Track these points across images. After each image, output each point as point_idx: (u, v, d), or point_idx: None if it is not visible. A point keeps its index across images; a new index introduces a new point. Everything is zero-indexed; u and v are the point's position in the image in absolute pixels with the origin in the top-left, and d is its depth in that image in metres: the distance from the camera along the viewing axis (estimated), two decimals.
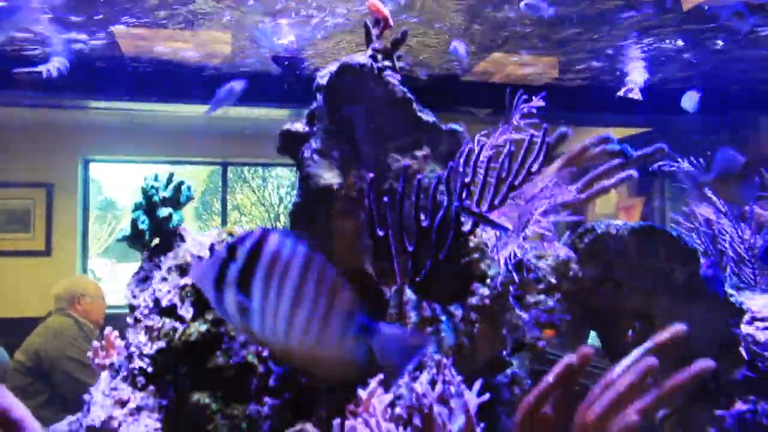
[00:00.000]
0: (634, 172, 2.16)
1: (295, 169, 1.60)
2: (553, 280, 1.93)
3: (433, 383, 1.30)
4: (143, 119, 5.93)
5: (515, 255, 1.70)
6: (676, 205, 2.75)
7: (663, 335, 1.12)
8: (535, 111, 1.83)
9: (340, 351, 1.00)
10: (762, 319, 2.08)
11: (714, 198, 2.35)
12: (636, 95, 3.24)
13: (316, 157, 1.54)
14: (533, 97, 1.85)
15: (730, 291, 2.03)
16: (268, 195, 8.72)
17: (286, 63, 3.09)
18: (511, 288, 1.70)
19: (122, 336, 1.86)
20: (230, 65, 3.60)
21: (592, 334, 2.75)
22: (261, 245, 0.96)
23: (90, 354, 1.90)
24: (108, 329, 2.02)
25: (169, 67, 3.60)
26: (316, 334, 0.98)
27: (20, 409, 1.26)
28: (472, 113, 3.84)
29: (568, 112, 1.89)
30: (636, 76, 3.30)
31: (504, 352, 1.74)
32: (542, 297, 1.92)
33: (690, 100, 3.09)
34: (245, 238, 0.98)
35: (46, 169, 6.36)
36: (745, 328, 2.04)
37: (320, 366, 1.06)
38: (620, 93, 3.30)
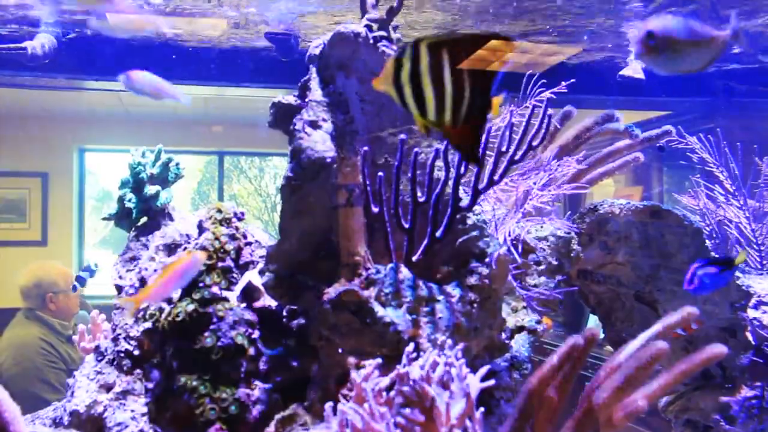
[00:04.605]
0: (640, 155, 2.10)
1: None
2: (553, 261, 1.87)
3: (434, 365, 1.24)
4: (138, 108, 5.86)
5: (514, 233, 1.64)
6: (675, 193, 2.69)
7: (673, 318, 1.06)
8: (554, 97, 1.77)
9: None
10: None
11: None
12: (639, 75, 3.16)
13: (308, 129, 1.47)
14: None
15: (736, 273, 1.98)
16: (265, 185, 8.66)
17: (280, 38, 3.00)
18: (510, 267, 1.64)
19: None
20: (229, 43, 3.52)
21: (592, 319, 2.70)
22: None
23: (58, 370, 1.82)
24: (94, 312, 1.97)
25: (164, 45, 3.52)
26: None
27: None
28: None
29: (573, 95, 1.82)
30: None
31: (503, 335, 1.68)
32: (542, 279, 1.86)
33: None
34: None
35: (40, 158, 6.29)
36: (751, 312, 1.99)
37: None
38: (622, 73, 3.23)
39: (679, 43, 1.22)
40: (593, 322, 3.01)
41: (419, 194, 1.51)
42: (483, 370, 1.23)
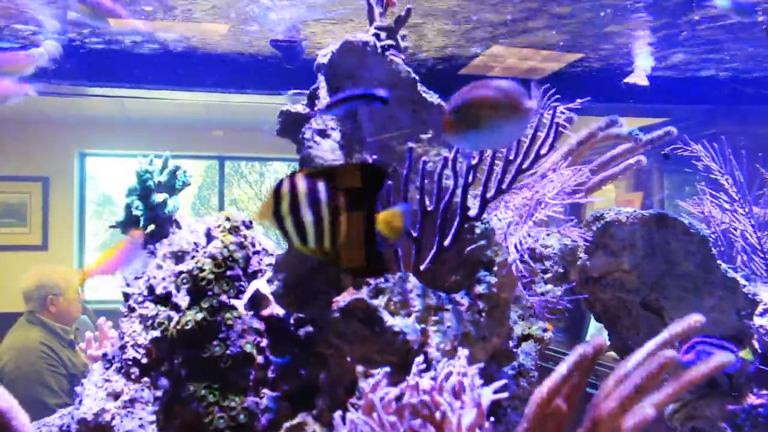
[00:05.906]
0: (643, 158, 2.11)
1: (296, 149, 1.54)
2: (560, 269, 1.87)
3: (448, 375, 1.24)
4: (139, 113, 5.87)
5: (524, 241, 1.64)
6: (676, 199, 2.70)
7: (679, 326, 1.06)
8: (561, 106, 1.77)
9: None
10: None
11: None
12: (643, 82, 3.17)
13: (317, 137, 1.47)
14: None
15: (742, 281, 1.98)
16: (265, 190, 8.67)
17: (286, 45, 3.02)
18: (519, 276, 1.64)
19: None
20: (231, 49, 3.53)
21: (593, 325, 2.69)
22: None
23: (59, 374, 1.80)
24: (101, 320, 1.96)
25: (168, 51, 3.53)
26: None
27: (6, 400, 1.20)
28: None
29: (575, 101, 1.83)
30: (642, 61, 3.22)
31: (510, 343, 1.68)
32: (550, 286, 1.86)
33: None
34: None
35: (41, 162, 6.30)
36: (758, 320, 1.99)
37: None
38: (627, 80, 3.24)
39: (486, 113, 1.18)
40: (594, 327, 3.01)
41: (427, 203, 1.52)
42: (497, 384, 1.22)
